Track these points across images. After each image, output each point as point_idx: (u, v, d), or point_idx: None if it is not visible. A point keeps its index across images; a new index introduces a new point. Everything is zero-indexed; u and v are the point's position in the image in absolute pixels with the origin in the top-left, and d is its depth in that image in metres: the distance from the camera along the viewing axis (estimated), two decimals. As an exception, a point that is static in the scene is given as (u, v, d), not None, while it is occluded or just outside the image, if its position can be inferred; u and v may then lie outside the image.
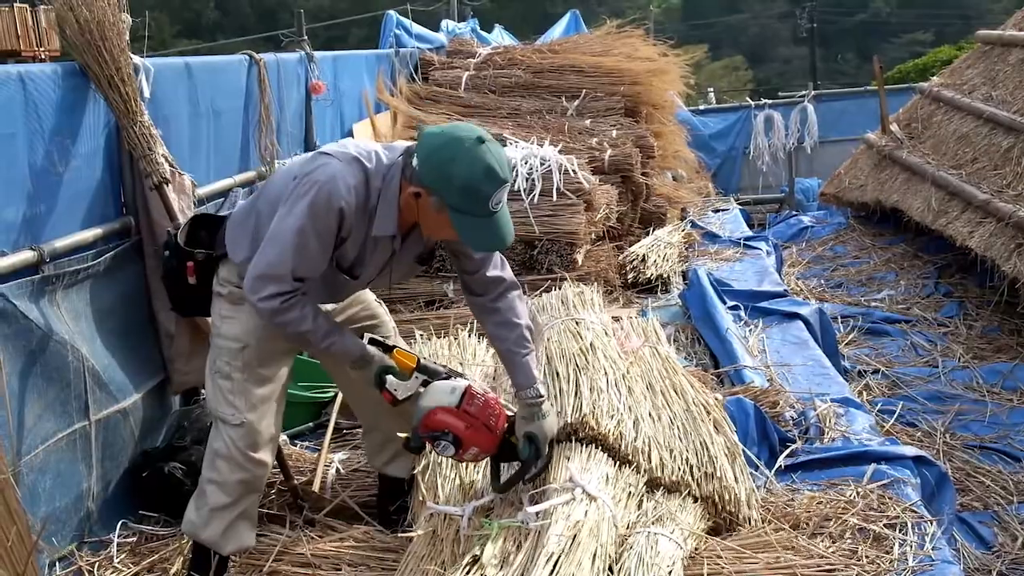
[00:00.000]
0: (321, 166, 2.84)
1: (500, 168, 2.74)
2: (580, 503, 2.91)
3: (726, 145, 14.18)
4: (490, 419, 3.05)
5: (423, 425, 3.00)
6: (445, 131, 2.79)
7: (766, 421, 4.12)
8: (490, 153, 2.73)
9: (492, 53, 8.97)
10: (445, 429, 2.98)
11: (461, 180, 2.71)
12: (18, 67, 3.60)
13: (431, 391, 3.04)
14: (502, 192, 2.77)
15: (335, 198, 2.79)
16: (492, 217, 2.79)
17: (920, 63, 22.44)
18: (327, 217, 2.81)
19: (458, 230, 2.81)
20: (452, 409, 2.99)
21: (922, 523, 3.37)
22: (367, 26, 24.82)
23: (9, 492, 2.93)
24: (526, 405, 3.09)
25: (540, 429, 3.07)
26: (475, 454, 3.07)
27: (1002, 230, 6.61)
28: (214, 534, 3.16)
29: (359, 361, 3.05)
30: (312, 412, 4.66)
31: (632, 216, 7.40)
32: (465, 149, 2.72)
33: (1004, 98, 8.10)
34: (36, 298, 3.47)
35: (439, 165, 2.74)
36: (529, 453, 3.06)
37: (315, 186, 2.80)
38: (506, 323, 3.13)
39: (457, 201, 2.75)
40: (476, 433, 3.01)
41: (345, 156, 2.86)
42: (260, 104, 5.50)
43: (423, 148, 2.78)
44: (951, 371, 6.01)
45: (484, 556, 2.80)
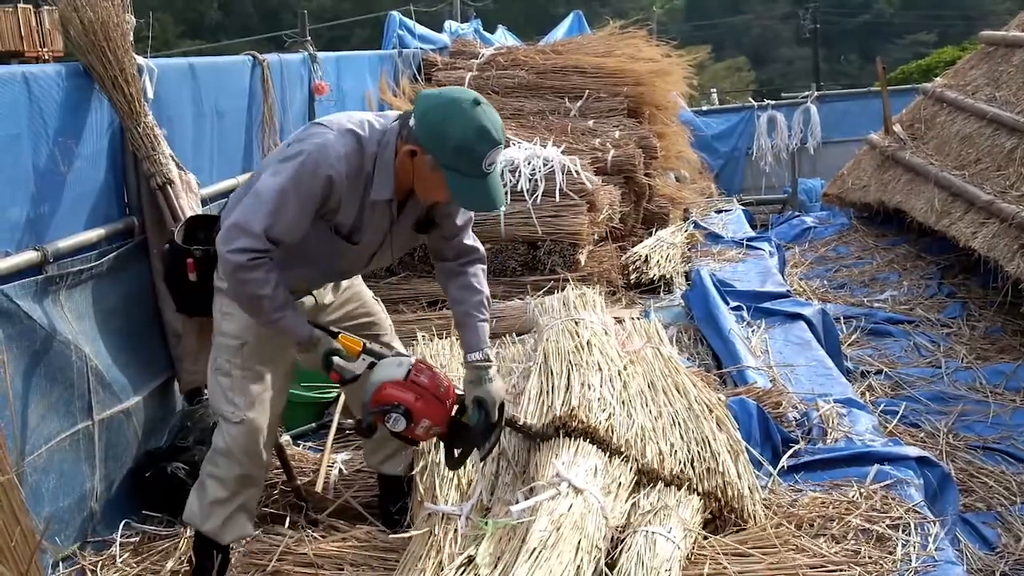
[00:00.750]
0: (314, 134, 2.88)
1: (494, 129, 2.79)
2: (565, 497, 2.92)
3: (729, 146, 14.18)
4: (439, 389, 3.05)
5: (372, 401, 3.00)
6: (442, 93, 2.86)
7: (769, 422, 4.12)
8: (485, 115, 2.78)
9: (495, 54, 8.98)
10: (395, 402, 2.98)
11: (455, 139, 2.76)
12: (22, 68, 3.61)
13: (379, 367, 3.05)
14: (495, 153, 2.81)
15: (323, 165, 2.81)
16: (485, 178, 2.83)
17: (923, 64, 22.43)
18: (312, 182, 2.82)
19: (451, 189, 2.84)
20: (400, 382, 3.00)
21: (925, 524, 3.37)
22: (370, 27, 24.85)
23: (12, 492, 2.93)
24: (474, 368, 3.15)
25: (488, 393, 3.12)
26: (427, 427, 3.04)
27: (1005, 231, 6.61)
28: (214, 526, 3.21)
29: (306, 342, 3.02)
30: (315, 413, 4.66)
31: (635, 217, 7.40)
32: (461, 110, 2.77)
33: (1008, 99, 8.10)
34: (40, 298, 3.47)
35: (435, 124, 2.79)
36: (479, 418, 3.10)
37: (304, 151, 2.84)
38: (469, 287, 3.20)
39: (451, 160, 2.79)
40: (426, 404, 3.01)
41: (339, 126, 2.89)
42: (263, 105, 5.51)
43: (419, 108, 2.83)
44: (954, 372, 6.01)
45: (478, 556, 2.81)
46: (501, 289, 5.82)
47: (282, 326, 2.98)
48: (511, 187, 6.01)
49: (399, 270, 5.98)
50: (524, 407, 3.56)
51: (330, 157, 2.82)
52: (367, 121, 2.93)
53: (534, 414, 3.46)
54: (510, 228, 5.89)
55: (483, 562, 2.81)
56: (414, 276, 6.01)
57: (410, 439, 3.11)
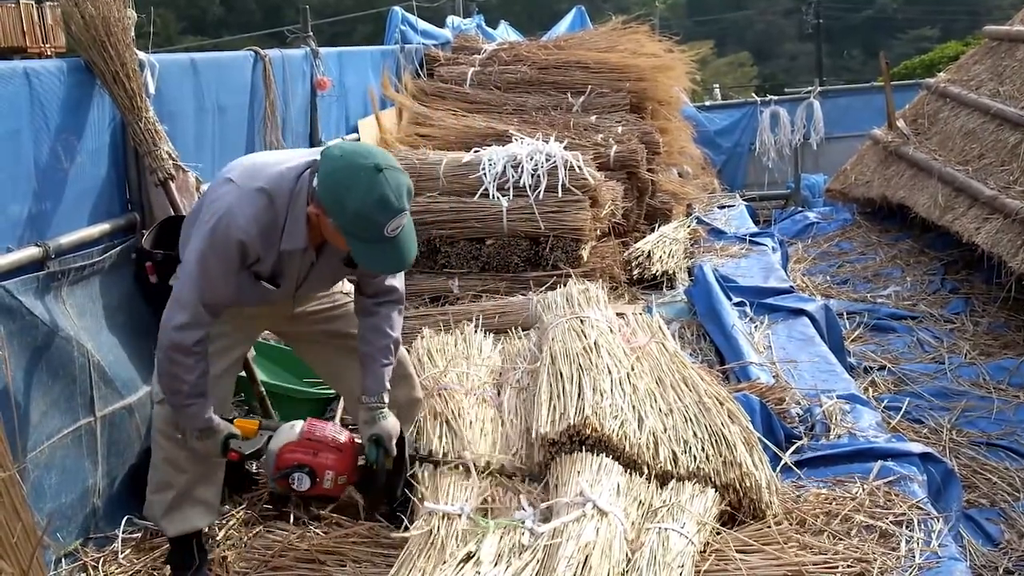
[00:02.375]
0: (222, 196, 2.89)
1: (395, 198, 2.76)
2: (591, 520, 2.90)
3: (732, 141, 14.15)
4: (335, 440, 3.15)
5: (275, 468, 3.11)
6: (344, 155, 2.81)
7: (772, 418, 4.11)
8: (386, 183, 2.75)
9: (497, 49, 8.97)
10: (294, 463, 3.09)
11: (353, 209, 2.75)
12: (24, 63, 3.60)
13: (275, 437, 3.16)
14: (398, 219, 2.79)
15: (233, 229, 2.84)
16: (389, 242, 2.83)
17: (927, 59, 22.38)
18: (226, 246, 2.86)
19: (353, 253, 2.87)
20: (296, 442, 3.11)
21: (928, 520, 3.36)
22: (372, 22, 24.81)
23: (14, 488, 2.93)
24: (367, 409, 3.20)
25: (383, 429, 3.17)
26: (333, 478, 3.13)
27: (1009, 226, 6.60)
28: (158, 514, 3.24)
29: (205, 431, 3.08)
30: (316, 409, 4.65)
31: (637, 212, 7.39)
32: (359, 178, 2.75)
33: (1011, 94, 8.09)
34: (41, 294, 3.47)
35: (334, 191, 2.77)
36: (377, 455, 3.16)
37: (214, 216, 2.86)
38: (379, 330, 3.21)
39: (351, 227, 2.79)
40: (325, 457, 3.11)
41: (246, 184, 2.88)
42: (265, 100, 5.50)
43: (322, 172, 2.81)
44: (957, 367, 6.00)
45: (481, 553, 2.80)
46: (504, 285, 5.82)
47: (186, 412, 3.03)
48: (514, 183, 6.00)
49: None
50: (536, 412, 3.56)
51: (238, 221, 2.83)
52: (278, 171, 2.91)
53: (546, 420, 3.45)
54: (512, 224, 5.89)
55: (485, 559, 2.80)
56: (416, 272, 6.00)
57: (324, 497, 3.20)
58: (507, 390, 3.99)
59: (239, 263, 2.90)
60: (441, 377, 3.99)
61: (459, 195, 6.08)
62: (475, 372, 4.09)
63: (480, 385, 3.99)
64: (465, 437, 3.55)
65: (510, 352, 4.44)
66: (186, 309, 2.89)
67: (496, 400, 3.93)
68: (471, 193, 6.05)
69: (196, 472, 3.23)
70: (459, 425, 3.64)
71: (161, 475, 3.22)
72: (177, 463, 3.20)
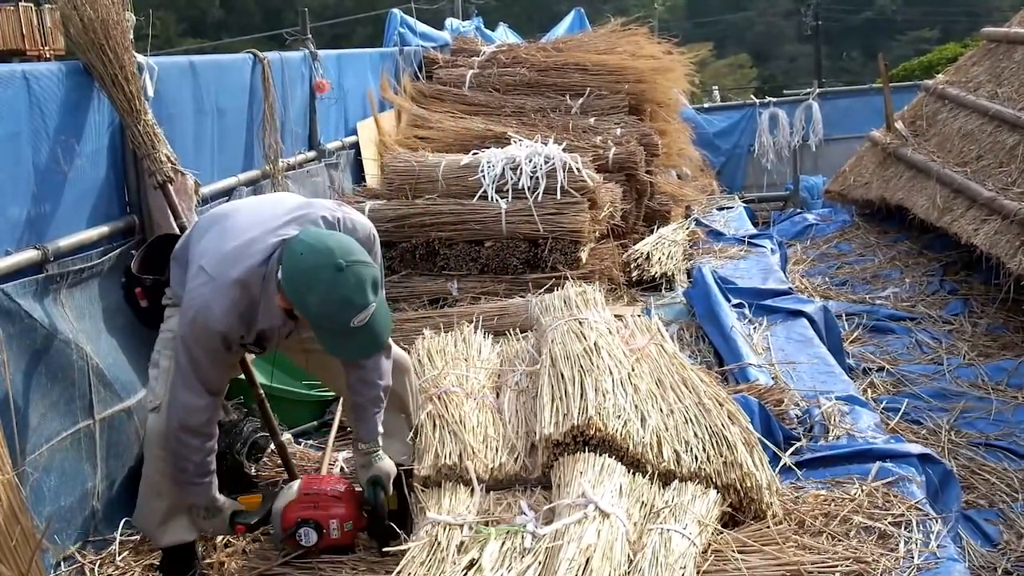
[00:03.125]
0: (198, 287, 2.94)
1: (359, 296, 2.81)
2: (592, 521, 2.90)
3: (730, 143, 14.16)
4: (334, 490, 3.24)
5: (281, 529, 3.20)
6: (305, 254, 2.83)
7: (771, 419, 4.11)
8: (347, 282, 2.79)
9: (496, 51, 8.98)
10: (299, 519, 3.17)
11: (316, 309, 2.82)
12: (22, 66, 3.60)
13: (276, 500, 3.26)
14: (363, 314, 2.83)
15: (212, 323, 2.91)
16: (356, 331, 2.86)
17: (925, 60, 22.37)
18: (209, 339, 2.94)
19: (321, 343, 2.95)
20: (296, 500, 3.22)
21: (927, 521, 3.36)
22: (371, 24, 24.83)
23: (13, 491, 2.93)
24: (363, 454, 3.27)
25: (379, 470, 3.25)
26: (339, 527, 3.21)
27: (1007, 227, 6.60)
28: (150, 526, 3.26)
29: (210, 509, 3.18)
30: (316, 411, 4.66)
31: (636, 214, 7.39)
32: (320, 281, 2.79)
33: (1009, 95, 8.09)
34: (40, 297, 3.47)
35: (296, 291, 2.84)
36: (377, 497, 3.22)
37: (191, 310, 2.94)
38: (367, 381, 3.24)
39: (315, 323, 2.87)
40: (327, 508, 3.21)
41: (220, 277, 2.92)
42: (264, 103, 5.50)
43: (284, 268, 2.86)
44: (956, 368, 6.01)
45: (483, 558, 2.80)
46: (503, 287, 5.83)
47: (192, 492, 3.13)
48: (512, 185, 6.01)
49: (400, 268, 5.98)
50: (538, 414, 3.56)
51: (215, 315, 2.90)
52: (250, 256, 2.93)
53: (550, 421, 3.45)
54: (511, 226, 5.89)
55: (488, 565, 2.80)
56: (415, 274, 6.00)
57: (335, 547, 3.26)
58: (506, 392, 3.99)
59: (224, 348, 2.98)
60: (441, 379, 3.99)
61: (458, 197, 6.08)
62: (474, 374, 4.09)
63: (479, 388, 3.98)
64: (467, 441, 3.54)
65: (509, 354, 4.44)
66: (191, 392, 2.98)
67: (496, 402, 3.92)
68: (470, 195, 6.06)
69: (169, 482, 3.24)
70: (460, 429, 3.63)
71: (152, 486, 3.23)
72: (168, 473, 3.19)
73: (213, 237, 3.05)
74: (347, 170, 7.04)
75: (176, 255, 3.23)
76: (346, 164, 7.01)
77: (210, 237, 3.06)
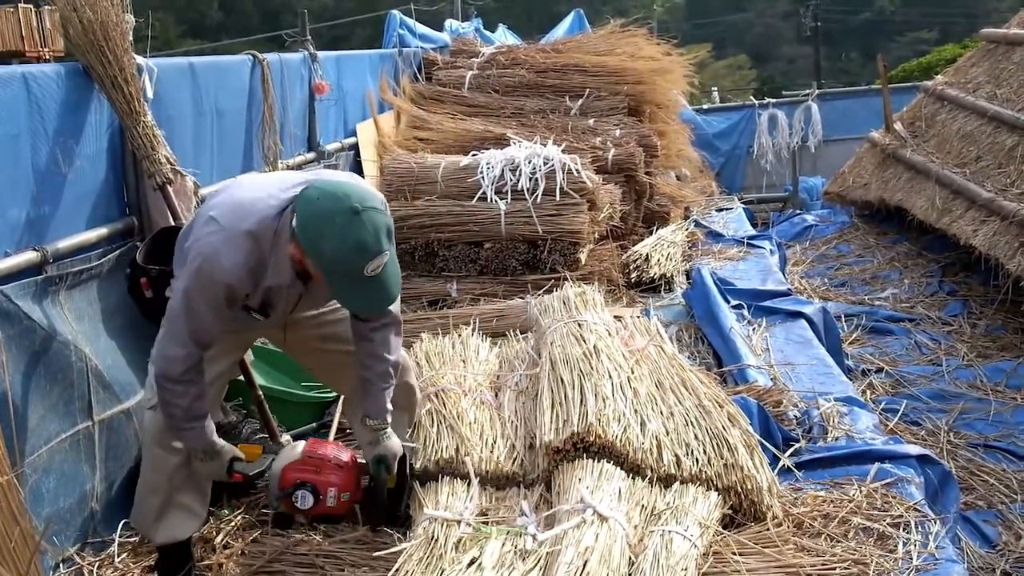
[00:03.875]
0: (207, 236, 2.88)
1: (373, 241, 2.77)
2: (591, 526, 2.90)
3: (730, 144, 14.16)
4: (337, 458, 3.21)
5: (278, 487, 3.17)
6: (320, 198, 2.81)
7: (770, 420, 4.11)
8: (363, 226, 2.76)
9: (496, 52, 8.98)
10: (296, 481, 3.15)
11: (330, 254, 2.77)
12: (22, 68, 3.61)
13: (278, 458, 3.24)
14: (377, 260, 2.80)
15: (218, 273, 2.85)
16: (369, 281, 2.83)
17: (924, 62, 22.37)
18: (213, 289, 2.88)
19: (333, 294, 2.92)
20: (298, 461, 3.19)
21: (926, 522, 3.36)
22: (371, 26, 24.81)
23: (12, 493, 2.93)
24: (370, 431, 3.24)
25: (386, 448, 3.22)
26: (336, 496, 3.18)
27: (1006, 228, 6.61)
28: (145, 523, 3.25)
29: (209, 453, 3.13)
30: (316, 412, 4.66)
31: (635, 215, 7.39)
32: (335, 223, 2.76)
33: (1008, 96, 8.10)
34: (39, 299, 3.47)
35: (311, 236, 2.79)
36: (380, 474, 3.21)
37: (199, 257, 2.87)
38: (376, 355, 3.22)
39: (329, 269, 2.81)
40: (328, 474, 3.18)
41: (232, 227, 2.87)
42: (264, 104, 5.51)
43: (299, 215, 2.82)
44: (955, 370, 6.01)
45: (484, 558, 2.80)
46: (502, 288, 5.83)
47: (186, 435, 3.08)
48: (512, 186, 6.01)
49: (400, 269, 5.97)
50: (538, 420, 3.57)
51: (223, 266, 2.85)
52: (260, 212, 2.90)
53: (550, 428, 3.45)
54: (510, 227, 5.89)
55: (489, 564, 2.80)
56: (414, 276, 6.01)
57: (328, 516, 3.25)
58: (506, 392, 3.99)
59: (226, 303, 2.93)
60: (438, 379, 3.99)
61: (457, 198, 6.09)
62: (472, 375, 4.09)
63: (478, 388, 3.99)
64: (466, 438, 3.55)
65: (508, 355, 4.45)
66: (176, 343, 2.93)
67: (495, 402, 3.93)
68: (469, 196, 6.06)
69: (181, 479, 3.23)
70: (457, 423, 3.64)
71: (148, 483, 3.23)
72: (165, 470, 3.20)
73: (224, 196, 3.02)
74: (346, 171, 7.03)
75: (182, 237, 3.17)
76: (345, 165, 7.01)
77: (220, 197, 3.03)
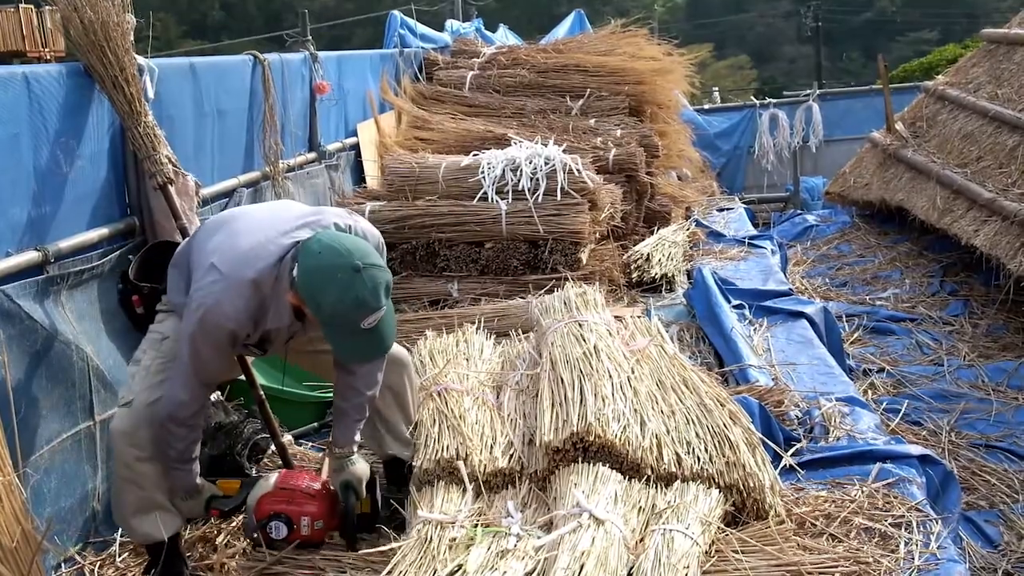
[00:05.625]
0: (209, 284, 2.94)
1: (372, 298, 2.84)
2: (587, 530, 2.90)
3: (731, 144, 14.16)
4: (310, 487, 3.25)
5: (255, 520, 3.21)
6: (323, 252, 2.86)
7: (771, 420, 4.11)
8: (363, 284, 2.82)
9: (496, 53, 8.98)
10: (272, 512, 3.19)
11: (329, 308, 2.83)
12: (23, 68, 3.61)
13: (253, 490, 3.27)
14: (374, 316, 2.87)
15: (222, 320, 2.93)
16: (365, 334, 2.89)
17: (925, 62, 22.35)
18: (217, 336, 2.96)
19: (329, 343, 2.97)
20: (271, 492, 3.23)
21: (927, 522, 3.36)
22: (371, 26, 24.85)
23: (14, 493, 2.93)
24: (336, 459, 3.29)
25: (352, 474, 3.28)
26: (310, 524, 3.22)
27: (1007, 228, 6.61)
28: (123, 521, 3.26)
29: (191, 492, 3.23)
30: (316, 412, 4.66)
31: (636, 215, 7.39)
32: (337, 280, 2.81)
33: (1009, 96, 8.09)
34: (41, 298, 3.47)
35: (311, 289, 2.85)
36: (348, 500, 3.25)
37: (202, 307, 2.93)
38: (354, 389, 3.27)
39: (327, 321, 2.88)
40: (300, 504, 3.21)
41: (234, 275, 2.93)
42: (264, 104, 5.51)
43: (300, 267, 2.87)
44: (956, 370, 6.01)
45: (469, 564, 2.80)
46: (503, 288, 5.83)
47: (174, 476, 3.18)
48: (512, 186, 6.01)
49: (400, 269, 5.98)
50: (538, 420, 3.57)
51: (227, 313, 2.92)
52: (263, 258, 2.95)
53: (549, 428, 3.45)
54: (512, 227, 5.89)
55: (472, 568, 2.80)
56: (415, 276, 6.01)
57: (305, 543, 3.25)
58: (507, 391, 3.99)
59: (229, 345, 3.02)
60: (441, 377, 3.99)
61: (458, 198, 6.09)
62: (475, 373, 4.09)
63: (479, 386, 3.99)
64: (468, 437, 3.55)
65: (510, 355, 4.44)
66: (183, 387, 3.02)
67: (496, 401, 3.93)
68: (470, 196, 6.06)
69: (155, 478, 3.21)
70: (459, 423, 3.64)
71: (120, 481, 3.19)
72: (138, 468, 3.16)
73: (223, 237, 3.06)
74: (347, 171, 7.04)
75: (176, 262, 3.23)
76: (346, 165, 7.01)
77: (220, 238, 3.06)
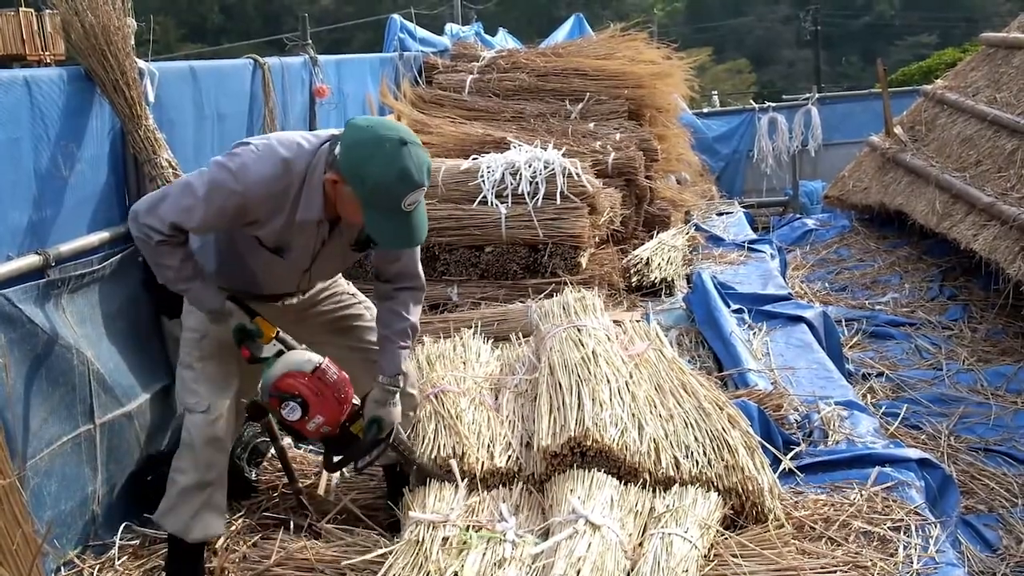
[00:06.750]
0: (242, 151, 2.90)
1: (416, 172, 2.79)
2: (583, 536, 2.90)
3: (730, 148, 14.17)
4: (340, 392, 3.14)
5: (274, 386, 3.09)
6: (371, 126, 2.84)
7: (770, 424, 4.12)
8: (409, 156, 2.78)
9: (496, 57, 8.99)
10: (295, 392, 3.07)
11: (374, 179, 2.77)
12: (24, 71, 3.62)
13: (288, 356, 3.14)
14: (416, 194, 2.82)
15: (239, 183, 2.85)
16: (404, 216, 2.85)
17: (924, 66, 22.37)
18: (222, 195, 2.87)
19: (367, 224, 2.88)
20: (305, 374, 3.09)
21: (926, 526, 3.37)
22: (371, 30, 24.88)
23: (14, 496, 2.94)
24: (382, 388, 3.22)
25: (388, 414, 3.22)
26: (319, 424, 3.12)
27: (1006, 233, 6.61)
28: (180, 521, 3.23)
29: (217, 312, 3.11)
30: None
31: (636, 219, 7.40)
32: (384, 150, 2.77)
33: (1008, 100, 8.10)
34: (41, 302, 3.48)
35: (356, 160, 2.80)
36: (371, 434, 3.19)
37: (224, 167, 2.88)
38: (397, 313, 3.25)
39: (369, 197, 2.81)
40: (324, 402, 3.10)
41: (266, 149, 2.89)
42: (264, 108, 5.51)
43: (346, 139, 2.84)
44: (955, 374, 6.01)
45: (465, 572, 2.81)
46: (503, 292, 5.83)
47: (190, 296, 3.11)
48: (512, 190, 6.01)
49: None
50: (536, 424, 3.57)
51: (247, 179, 2.85)
52: (298, 142, 2.94)
53: (547, 432, 3.46)
54: (511, 231, 5.90)
55: (469, 573, 2.81)
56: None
57: (299, 433, 3.19)
58: (505, 394, 4.00)
59: (232, 217, 2.93)
60: (438, 381, 4.00)
61: (458, 202, 6.09)
62: (472, 377, 4.10)
63: (478, 389, 3.99)
64: (464, 436, 3.55)
65: (508, 359, 4.45)
66: (155, 218, 2.92)
67: (494, 403, 3.94)
68: (470, 200, 6.07)
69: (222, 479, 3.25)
70: (455, 423, 3.65)
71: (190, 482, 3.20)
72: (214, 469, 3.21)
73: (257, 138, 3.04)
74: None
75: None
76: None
77: None
